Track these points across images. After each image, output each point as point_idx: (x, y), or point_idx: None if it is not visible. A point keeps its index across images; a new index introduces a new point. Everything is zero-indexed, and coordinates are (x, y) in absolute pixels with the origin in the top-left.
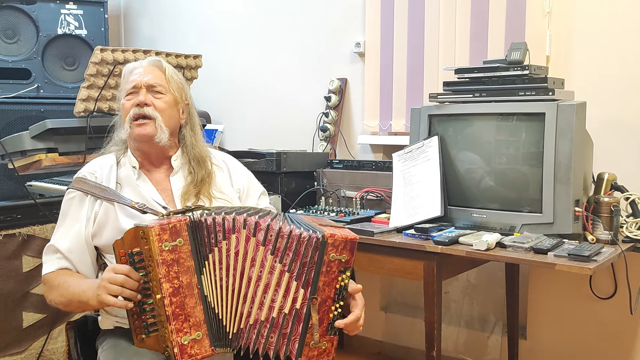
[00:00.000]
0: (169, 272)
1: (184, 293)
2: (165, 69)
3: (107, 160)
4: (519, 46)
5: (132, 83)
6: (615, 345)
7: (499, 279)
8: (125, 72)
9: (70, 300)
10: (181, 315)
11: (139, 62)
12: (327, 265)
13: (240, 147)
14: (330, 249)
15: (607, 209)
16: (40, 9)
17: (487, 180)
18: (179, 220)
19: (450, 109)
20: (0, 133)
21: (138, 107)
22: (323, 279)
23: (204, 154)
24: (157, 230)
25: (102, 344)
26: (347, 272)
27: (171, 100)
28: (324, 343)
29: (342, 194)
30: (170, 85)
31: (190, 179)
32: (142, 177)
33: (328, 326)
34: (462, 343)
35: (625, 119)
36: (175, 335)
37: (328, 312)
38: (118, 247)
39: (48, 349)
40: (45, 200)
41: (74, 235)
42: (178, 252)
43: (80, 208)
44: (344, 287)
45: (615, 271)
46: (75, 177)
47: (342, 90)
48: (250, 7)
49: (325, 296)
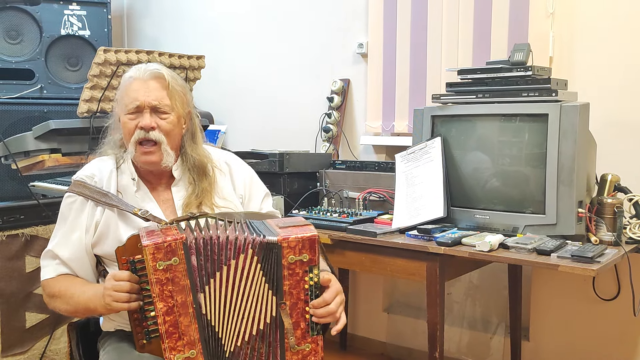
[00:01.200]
0: (163, 291)
1: (178, 312)
2: (168, 82)
3: (106, 163)
4: (522, 47)
5: (135, 102)
6: (618, 346)
7: (501, 280)
8: (125, 82)
9: (76, 309)
10: (175, 334)
11: (140, 72)
12: (288, 268)
13: (242, 148)
14: (286, 251)
15: (610, 210)
16: (43, 9)
17: (490, 181)
18: (174, 239)
19: (453, 110)
20: (4, 133)
21: (143, 131)
22: (288, 283)
23: (204, 162)
24: (151, 249)
25: (103, 346)
26: (315, 270)
27: (175, 119)
28: (307, 345)
29: (345, 195)
30: (174, 103)
31: (192, 189)
32: (142, 189)
33: (307, 327)
34: (465, 344)
35: (629, 120)
36: (168, 352)
37: (303, 314)
38: (120, 254)
39: (51, 350)
40: (48, 201)
41: (74, 243)
42: (173, 271)
43: (80, 214)
44: (314, 286)
45: (619, 273)
46: (73, 180)
47: (344, 91)
48: (252, 8)
49: (295, 299)
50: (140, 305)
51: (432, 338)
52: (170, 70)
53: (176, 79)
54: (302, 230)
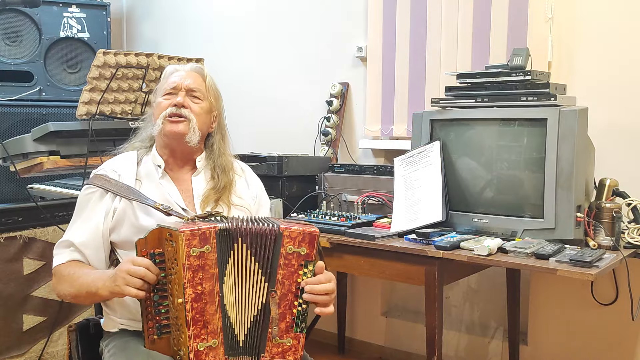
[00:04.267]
0: (194, 277)
1: (206, 300)
2: (206, 77)
3: (128, 158)
4: (521, 52)
5: (173, 84)
6: (616, 351)
7: (500, 284)
8: (167, 72)
9: (78, 290)
10: (200, 322)
11: (182, 65)
12: (285, 257)
13: (241, 151)
14: (286, 240)
15: (608, 214)
16: (43, 12)
17: (488, 186)
18: (209, 227)
19: (452, 114)
20: (2, 135)
21: (175, 107)
22: (282, 272)
23: (229, 164)
24: (187, 235)
25: (107, 347)
26: (310, 266)
27: (207, 107)
28: (289, 340)
29: (344, 199)
30: (209, 93)
31: (213, 184)
32: (165, 177)
33: (293, 322)
34: (463, 348)
35: (627, 125)
36: (192, 340)
37: (291, 307)
38: (140, 246)
39: (48, 352)
40: (46, 203)
41: (91, 229)
42: (204, 259)
43: (99, 202)
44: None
45: (617, 277)
46: (95, 174)
47: (343, 94)
48: (252, 11)
49: (286, 290)
50: (149, 296)
51: (430, 342)
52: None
53: (213, 79)
54: (304, 226)
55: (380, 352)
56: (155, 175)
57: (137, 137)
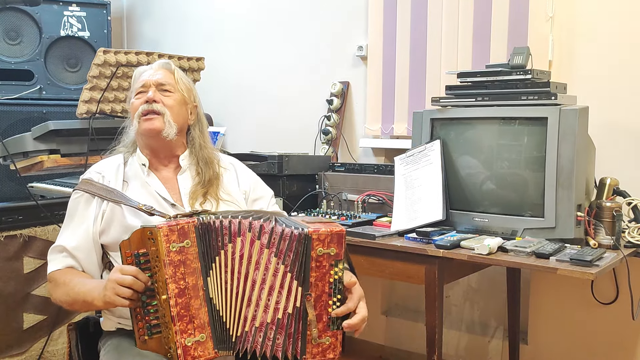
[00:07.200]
0: (176, 273)
1: (190, 294)
2: (174, 70)
3: (114, 160)
4: (522, 50)
5: (142, 82)
6: (616, 350)
7: (500, 283)
8: (136, 75)
9: (74, 299)
10: (186, 317)
11: (149, 65)
12: (316, 260)
13: (242, 150)
14: (316, 243)
15: (609, 214)
16: (43, 10)
17: (489, 185)
18: (187, 222)
19: (452, 113)
20: (3, 134)
21: (147, 104)
22: (314, 275)
23: (212, 156)
24: (165, 230)
25: (104, 346)
26: (340, 264)
27: (179, 98)
28: (327, 339)
29: (344, 197)
30: (179, 86)
31: (198, 179)
32: (150, 175)
33: (329, 321)
34: (463, 347)
35: (628, 124)
36: (179, 336)
37: (326, 307)
38: (124, 248)
39: (48, 351)
40: (47, 202)
41: (82, 233)
42: (185, 254)
43: (87, 207)
44: (338, 281)
45: (617, 276)
46: (81, 179)
47: (344, 93)
48: (252, 9)
49: (320, 291)
50: (132, 304)
51: (430, 341)
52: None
53: (184, 74)
54: (329, 226)
55: (381, 351)
56: (142, 175)
57: (121, 143)
